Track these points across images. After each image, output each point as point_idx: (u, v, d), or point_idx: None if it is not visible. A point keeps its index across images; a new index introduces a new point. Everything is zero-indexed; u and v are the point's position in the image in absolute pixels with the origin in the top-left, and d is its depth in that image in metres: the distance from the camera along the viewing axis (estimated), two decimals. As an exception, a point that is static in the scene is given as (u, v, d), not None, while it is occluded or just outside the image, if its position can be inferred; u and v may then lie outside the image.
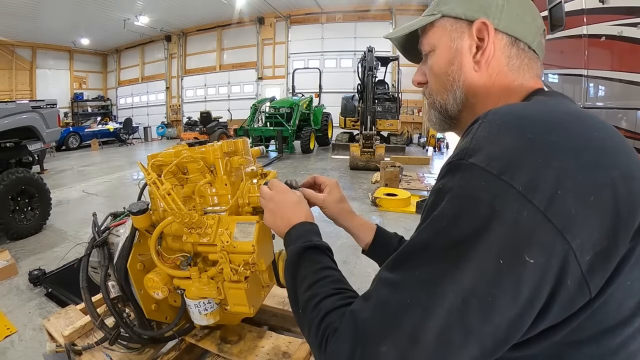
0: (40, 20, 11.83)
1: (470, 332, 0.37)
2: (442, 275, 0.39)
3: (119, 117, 17.00)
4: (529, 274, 0.36)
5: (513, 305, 0.36)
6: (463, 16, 0.55)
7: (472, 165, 0.40)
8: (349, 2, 13.14)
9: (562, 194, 0.37)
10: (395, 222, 4.10)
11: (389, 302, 0.41)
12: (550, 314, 0.38)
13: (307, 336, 0.52)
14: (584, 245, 0.37)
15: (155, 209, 1.19)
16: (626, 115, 2.82)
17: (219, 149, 1.13)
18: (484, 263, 0.37)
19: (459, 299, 0.37)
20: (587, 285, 0.38)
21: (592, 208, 0.37)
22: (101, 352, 1.30)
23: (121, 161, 9.62)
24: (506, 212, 0.37)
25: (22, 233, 3.65)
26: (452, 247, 0.39)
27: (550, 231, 0.36)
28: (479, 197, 0.39)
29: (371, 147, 7.41)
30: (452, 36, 0.57)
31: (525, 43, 0.55)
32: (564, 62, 3.75)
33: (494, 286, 0.36)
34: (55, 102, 4.42)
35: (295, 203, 0.75)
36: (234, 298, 1.09)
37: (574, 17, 3.43)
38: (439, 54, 0.59)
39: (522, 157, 0.39)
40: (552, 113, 0.44)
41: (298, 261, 0.61)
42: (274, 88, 14.61)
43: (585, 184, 0.38)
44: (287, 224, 0.71)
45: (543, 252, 0.36)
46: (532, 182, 0.37)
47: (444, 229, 0.40)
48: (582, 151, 0.39)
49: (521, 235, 0.36)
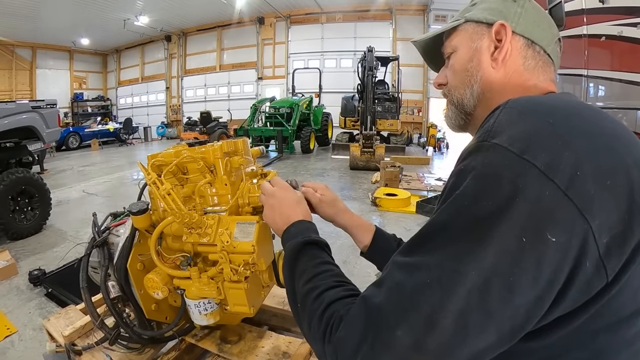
0: (40, 20, 11.83)
1: (490, 314, 0.36)
2: (463, 254, 0.38)
3: (119, 117, 17.00)
4: (550, 253, 0.36)
5: (534, 286, 0.36)
6: (484, 20, 0.59)
7: (495, 145, 0.41)
8: (349, 2, 13.14)
9: (581, 175, 0.37)
10: (395, 222, 4.10)
11: (405, 284, 0.40)
12: (567, 298, 0.38)
13: (306, 329, 0.51)
14: (602, 227, 0.37)
15: (155, 209, 1.19)
16: (626, 115, 2.82)
17: (219, 149, 1.13)
18: (506, 241, 0.37)
19: (480, 279, 0.37)
20: (604, 267, 0.38)
21: (609, 191, 0.38)
22: (101, 352, 1.30)
23: (121, 161, 9.62)
24: (529, 190, 0.37)
25: (22, 233, 3.65)
26: (474, 225, 0.39)
27: (571, 210, 0.36)
28: (502, 175, 0.39)
29: (371, 147, 7.41)
30: (473, 37, 0.60)
31: (540, 46, 0.58)
32: (564, 62, 3.73)
33: (516, 265, 0.36)
34: (55, 102, 4.41)
35: (295, 201, 0.75)
36: (234, 298, 1.09)
37: (574, 17, 3.43)
38: (460, 53, 0.62)
39: (543, 138, 0.40)
40: (569, 103, 0.47)
41: (297, 256, 0.61)
42: (274, 88, 14.61)
43: (602, 167, 0.39)
44: (286, 221, 0.71)
45: (564, 230, 0.36)
46: (553, 162, 0.38)
47: (466, 208, 0.40)
48: (598, 136, 0.41)
49: (543, 214, 0.37)
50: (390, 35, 13.45)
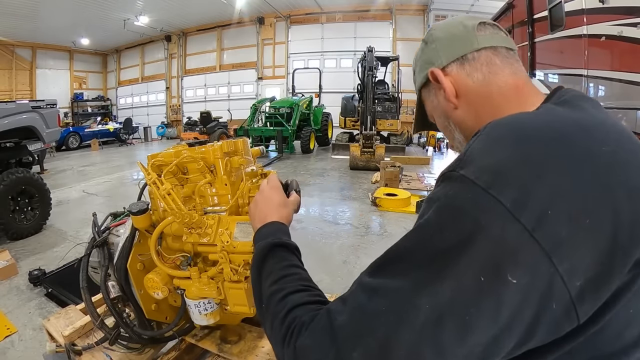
0: (40, 20, 11.83)
1: (443, 351, 0.35)
2: (420, 286, 0.37)
3: (119, 117, 16.99)
4: (510, 294, 0.34)
5: (491, 327, 0.35)
6: (424, 79, 0.64)
7: (462, 177, 0.40)
8: (349, 2, 13.14)
9: (553, 215, 0.35)
10: (395, 222, 4.10)
11: (365, 308, 0.40)
12: (535, 337, 0.37)
13: (268, 329, 0.52)
14: (573, 269, 0.35)
15: (155, 209, 1.19)
16: (626, 115, 2.82)
17: (219, 149, 1.14)
18: (464, 278, 0.36)
19: (434, 314, 0.36)
20: (575, 311, 0.36)
21: (586, 232, 0.35)
22: (101, 352, 1.30)
23: (121, 161, 9.62)
24: (491, 229, 0.35)
25: (22, 233, 3.65)
26: (434, 258, 0.38)
27: (536, 252, 0.34)
28: (465, 210, 0.38)
29: (371, 147, 7.40)
30: (430, 99, 0.66)
31: (472, 51, 0.57)
32: (564, 62, 3.75)
33: (472, 304, 0.35)
34: (55, 102, 4.41)
35: (278, 203, 0.75)
36: (234, 298, 1.09)
37: (574, 17, 3.43)
38: (435, 116, 0.67)
39: (514, 171, 0.37)
40: (557, 124, 0.43)
41: (265, 257, 0.61)
42: (274, 88, 14.61)
43: (581, 205, 0.36)
44: (262, 220, 0.71)
45: (527, 272, 0.34)
46: (521, 199, 0.36)
47: (427, 239, 0.39)
48: (583, 167, 0.37)
49: (505, 254, 0.35)
50: (390, 35, 13.46)
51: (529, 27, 4.60)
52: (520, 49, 5.21)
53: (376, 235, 3.77)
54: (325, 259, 3.12)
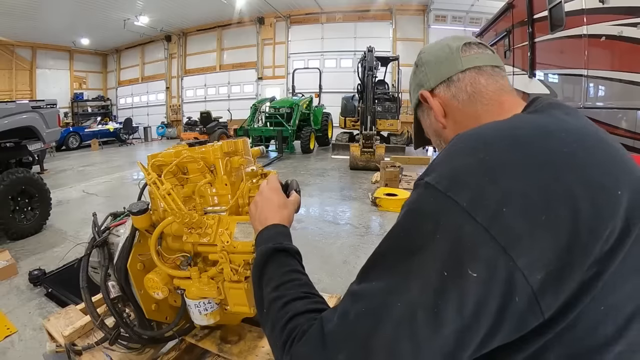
0: (40, 20, 11.82)
1: (419, 344, 0.37)
2: (392, 286, 0.40)
3: (119, 117, 16.99)
4: (472, 287, 0.36)
5: (458, 317, 0.37)
6: (416, 101, 0.69)
7: (425, 183, 0.43)
8: (349, 2, 13.14)
9: (507, 212, 0.37)
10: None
11: (349, 312, 0.42)
12: (502, 330, 0.38)
13: (269, 334, 0.53)
14: (533, 264, 0.36)
15: (155, 209, 1.19)
16: (626, 115, 2.82)
17: (219, 149, 1.14)
18: (429, 275, 0.38)
19: (407, 310, 0.38)
20: (538, 305, 0.37)
21: (542, 227, 0.37)
22: (101, 352, 1.30)
23: (121, 161, 9.62)
24: (450, 227, 0.38)
25: (22, 233, 3.64)
26: (402, 259, 0.41)
27: (493, 248, 0.36)
28: (426, 211, 0.41)
29: (371, 147, 7.40)
30: (424, 118, 0.71)
31: (456, 73, 0.61)
32: (564, 62, 3.75)
33: (439, 298, 0.37)
34: (55, 102, 4.41)
35: (278, 205, 0.75)
36: (234, 298, 1.09)
37: (574, 17, 3.43)
38: (430, 135, 0.72)
39: (470, 175, 0.40)
40: (517, 130, 0.46)
41: (265, 262, 0.61)
42: (274, 88, 14.60)
43: (536, 202, 0.38)
44: (262, 223, 0.71)
45: (486, 267, 0.36)
46: (476, 199, 0.38)
47: (396, 242, 0.43)
48: (539, 168, 0.40)
49: (464, 250, 0.37)
50: (390, 35, 13.45)
51: (529, 27, 4.60)
52: (520, 49, 5.21)
53: (376, 235, 3.77)
54: (326, 259, 3.12)
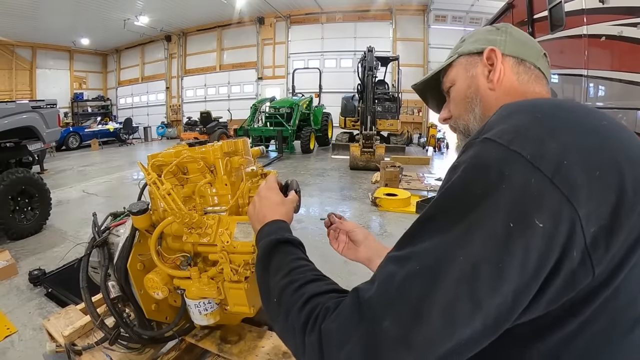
0: (40, 20, 11.82)
1: (478, 303, 0.36)
2: (453, 241, 0.39)
3: (119, 117, 16.99)
4: (538, 238, 0.36)
5: (521, 273, 0.36)
6: (475, 50, 0.65)
7: (484, 139, 0.43)
8: (349, 2, 13.14)
9: (568, 165, 0.38)
10: (395, 222, 4.10)
11: (395, 275, 0.40)
12: (552, 287, 0.38)
13: (282, 323, 0.50)
14: (589, 215, 0.37)
15: (155, 209, 1.19)
16: (626, 115, 2.82)
17: (219, 149, 1.14)
18: (494, 227, 0.37)
19: (468, 266, 0.37)
20: (589, 258, 0.37)
21: (597, 181, 0.38)
22: (101, 352, 1.30)
23: (121, 161, 9.62)
24: (515, 178, 0.38)
25: (22, 233, 3.64)
26: (462, 213, 0.39)
27: (558, 197, 0.37)
28: (489, 164, 0.40)
29: (371, 147, 7.40)
30: (467, 67, 0.65)
31: (530, 62, 0.62)
32: (564, 62, 3.75)
33: (504, 251, 0.36)
34: (55, 102, 4.41)
35: (276, 203, 0.75)
36: (234, 298, 1.09)
37: (574, 17, 3.43)
38: (458, 84, 0.66)
39: (531, 130, 0.41)
40: (563, 103, 0.48)
41: (270, 253, 0.60)
42: (274, 88, 14.60)
43: (590, 159, 0.39)
44: (261, 221, 0.71)
45: (552, 216, 0.36)
46: (539, 152, 0.39)
47: (455, 197, 0.42)
48: (588, 134, 0.42)
49: (530, 200, 0.37)
50: (390, 35, 13.45)
51: (529, 27, 4.60)
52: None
53: (376, 235, 3.76)
54: (326, 258, 3.11)
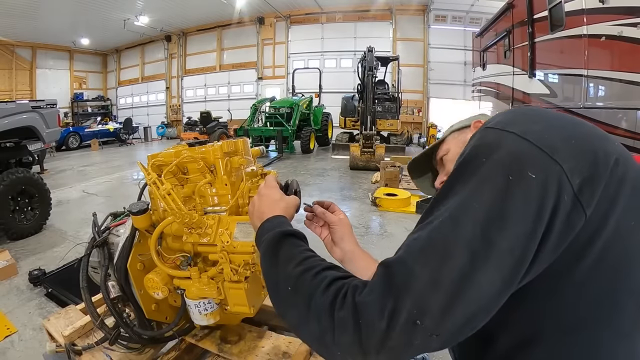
0: (40, 20, 11.82)
1: (492, 244, 0.43)
2: (468, 197, 0.47)
3: (119, 117, 16.98)
4: (533, 187, 0.44)
5: (524, 216, 0.43)
6: (464, 125, 0.84)
7: (485, 128, 0.55)
8: (349, 2, 13.13)
9: (548, 137, 0.49)
10: (395, 222, 4.10)
11: (421, 235, 0.47)
12: (553, 233, 0.45)
13: (301, 309, 0.49)
14: (572, 170, 0.46)
15: (155, 209, 1.19)
16: (626, 115, 2.83)
17: (219, 149, 1.14)
18: (497, 180, 0.46)
19: (482, 212, 0.44)
20: (579, 202, 0.45)
21: (574, 147, 0.48)
22: (101, 352, 1.30)
23: (121, 161, 9.62)
24: (510, 145, 0.49)
25: (22, 233, 3.64)
26: (471, 175, 0.49)
27: (544, 156, 0.46)
28: (489, 140, 0.51)
29: (371, 147, 7.40)
30: (458, 137, 0.83)
31: None
32: (564, 62, 3.75)
33: (507, 197, 0.44)
34: (55, 102, 4.41)
35: (274, 199, 0.75)
36: (234, 298, 1.09)
37: (574, 17, 3.43)
38: (452, 150, 0.82)
39: (518, 119, 0.54)
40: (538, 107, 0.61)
41: (277, 246, 0.60)
42: (274, 88, 14.60)
43: (566, 134, 0.50)
44: (260, 217, 0.71)
45: (542, 169, 0.45)
46: (526, 130, 0.50)
47: (464, 167, 0.51)
48: (562, 121, 0.53)
49: (523, 158, 0.47)
50: (390, 35, 13.45)
51: (529, 27, 4.60)
52: (520, 49, 5.21)
53: (376, 235, 3.76)
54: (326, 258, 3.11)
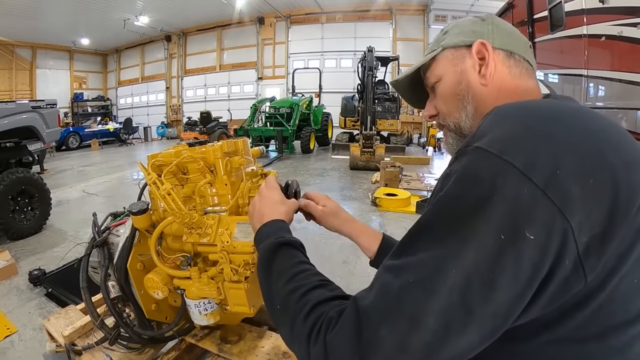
0: (40, 20, 11.82)
1: (472, 312, 0.37)
2: (445, 253, 0.39)
3: (119, 117, 16.99)
4: (529, 250, 0.36)
5: (514, 283, 0.37)
6: (462, 43, 0.61)
7: (475, 148, 0.43)
8: (349, 2, 13.14)
9: (561, 174, 0.38)
10: (395, 222, 4.10)
11: (391, 285, 0.41)
12: (545, 294, 0.39)
13: (287, 331, 0.50)
14: (582, 225, 0.37)
15: (155, 209, 1.19)
16: (626, 115, 2.82)
17: (219, 149, 1.14)
18: (485, 239, 0.37)
19: (462, 277, 0.37)
20: (582, 266, 0.38)
21: (590, 190, 0.38)
22: (101, 352, 1.30)
23: (121, 161, 9.62)
24: (507, 189, 0.38)
25: (22, 233, 3.64)
26: (455, 224, 0.40)
27: (550, 209, 0.37)
28: (481, 175, 0.40)
29: (371, 147, 7.40)
30: (455, 62, 0.62)
31: (519, 55, 0.60)
32: (564, 62, 3.75)
33: (495, 263, 0.37)
34: (55, 102, 4.40)
35: (275, 202, 0.74)
36: (234, 298, 1.09)
37: (574, 17, 3.43)
38: (446, 80, 0.63)
39: (522, 138, 0.41)
40: (555, 107, 0.47)
41: (272, 257, 0.60)
42: (274, 88, 14.60)
43: (584, 166, 0.39)
44: (260, 220, 0.70)
45: (543, 228, 0.37)
46: (531, 161, 0.39)
47: (447, 209, 0.42)
48: (583, 138, 0.41)
49: (521, 212, 0.37)
50: (390, 35, 13.45)
51: (529, 27, 4.60)
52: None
53: (376, 235, 3.76)
54: (326, 258, 3.12)
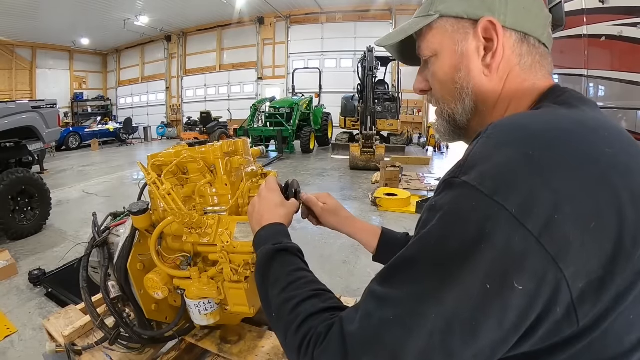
0: (40, 20, 11.82)
1: (452, 356, 0.36)
2: (426, 295, 0.37)
3: (119, 117, 16.99)
4: (516, 300, 0.34)
5: (497, 330, 0.35)
6: (465, 15, 0.50)
7: (464, 183, 0.38)
8: (349, 2, 13.13)
9: (559, 219, 0.34)
10: (395, 222, 4.10)
11: (373, 317, 0.40)
12: (535, 337, 0.37)
13: (282, 338, 0.51)
14: (578, 272, 0.34)
15: (155, 209, 1.19)
16: (626, 115, 2.82)
17: (219, 149, 1.14)
18: (469, 286, 0.35)
19: (442, 322, 0.36)
20: (575, 312, 0.36)
21: (592, 234, 0.34)
22: (101, 352, 1.30)
23: (121, 161, 9.62)
24: (496, 236, 0.35)
25: (22, 233, 3.65)
26: (438, 267, 0.37)
27: (542, 258, 0.34)
28: (468, 217, 0.36)
29: (371, 147, 7.40)
30: (455, 38, 0.51)
31: (535, 38, 0.50)
32: (564, 62, 3.75)
33: (479, 311, 0.35)
34: (55, 102, 4.41)
35: (274, 204, 0.73)
36: (234, 298, 1.09)
37: (574, 17, 3.43)
38: (442, 59, 0.53)
39: (518, 175, 0.36)
40: (559, 124, 0.41)
41: (268, 263, 0.59)
42: (274, 88, 14.60)
43: (587, 208, 0.35)
44: (259, 222, 0.69)
45: (533, 279, 0.34)
46: (526, 205, 0.34)
47: (431, 248, 0.39)
48: (587, 169, 0.36)
49: (511, 261, 0.34)
50: (390, 35, 13.46)
51: (529, 27, 4.59)
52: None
53: (376, 235, 3.76)
54: (326, 258, 3.12)
